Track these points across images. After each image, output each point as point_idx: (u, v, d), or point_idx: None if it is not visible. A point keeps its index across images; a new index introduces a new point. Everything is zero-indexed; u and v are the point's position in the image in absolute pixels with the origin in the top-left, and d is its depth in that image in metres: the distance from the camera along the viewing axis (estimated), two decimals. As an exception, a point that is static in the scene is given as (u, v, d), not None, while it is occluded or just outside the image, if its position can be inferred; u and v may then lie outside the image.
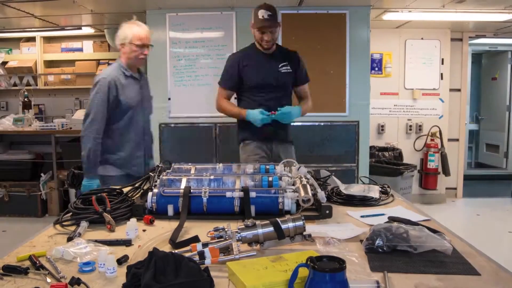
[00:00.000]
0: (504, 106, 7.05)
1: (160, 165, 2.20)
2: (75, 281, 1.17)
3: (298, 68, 3.08)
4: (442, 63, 5.70)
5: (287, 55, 3.08)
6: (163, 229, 1.66)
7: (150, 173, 2.12)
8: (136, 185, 2.08)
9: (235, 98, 3.13)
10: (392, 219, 1.56)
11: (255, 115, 2.86)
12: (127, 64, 2.80)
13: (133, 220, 1.63)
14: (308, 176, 2.00)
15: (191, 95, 4.51)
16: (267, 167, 2.21)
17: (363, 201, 2.03)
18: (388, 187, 2.26)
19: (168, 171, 2.15)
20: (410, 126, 5.75)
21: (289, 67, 3.03)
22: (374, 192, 2.16)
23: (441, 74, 5.69)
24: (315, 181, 1.94)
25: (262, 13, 2.84)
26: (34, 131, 5.34)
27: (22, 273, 1.25)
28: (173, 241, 1.50)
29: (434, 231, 1.50)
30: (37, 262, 1.29)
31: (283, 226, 1.43)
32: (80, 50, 5.86)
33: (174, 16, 4.48)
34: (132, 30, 2.80)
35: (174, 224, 1.65)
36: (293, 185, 1.92)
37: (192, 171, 2.14)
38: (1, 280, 1.23)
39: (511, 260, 2.08)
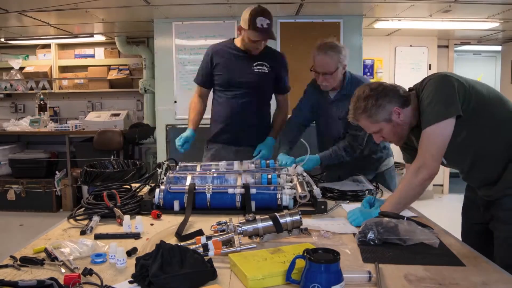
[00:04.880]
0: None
1: (166, 163, 2.20)
2: (88, 271, 1.17)
3: (281, 72, 2.61)
4: (430, 68, 5.70)
5: (268, 54, 2.56)
6: (169, 223, 1.66)
7: (157, 169, 2.12)
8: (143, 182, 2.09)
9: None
10: (382, 214, 1.56)
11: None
12: None
13: (138, 217, 1.63)
14: (305, 174, 2.00)
15: (195, 98, 4.50)
16: (267, 162, 2.21)
17: (356, 197, 2.03)
18: (377, 183, 2.26)
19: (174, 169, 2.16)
20: (400, 127, 5.73)
21: (265, 68, 2.53)
22: (363, 183, 2.16)
23: (424, 78, 5.69)
24: (311, 179, 1.94)
25: (261, 21, 2.32)
26: (49, 131, 5.33)
27: (38, 264, 1.26)
28: (179, 234, 1.50)
29: (422, 225, 1.50)
30: (52, 254, 1.29)
31: (281, 220, 1.44)
32: (92, 56, 5.85)
33: (179, 25, 4.47)
34: None
35: (180, 218, 1.65)
36: (291, 182, 1.92)
37: (197, 169, 2.14)
38: (19, 270, 1.23)
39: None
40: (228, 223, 1.43)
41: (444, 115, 1.55)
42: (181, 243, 1.37)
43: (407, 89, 1.74)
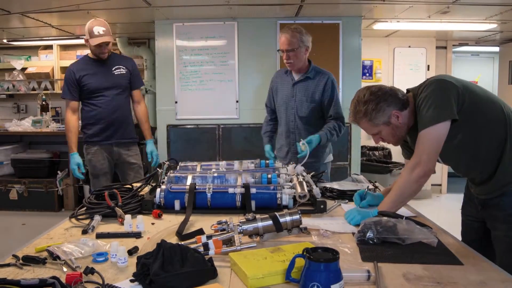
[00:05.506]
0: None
1: (167, 163, 2.20)
2: (89, 270, 1.17)
3: (134, 70, 3.19)
4: (428, 69, 5.70)
5: (121, 59, 3.22)
6: (170, 222, 1.66)
7: (158, 169, 2.12)
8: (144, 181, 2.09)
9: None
10: (381, 214, 1.56)
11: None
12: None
13: (139, 217, 1.63)
14: (304, 173, 2.00)
15: (196, 99, 4.50)
16: (267, 162, 2.23)
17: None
18: (375, 182, 2.26)
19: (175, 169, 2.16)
20: (398, 127, 5.72)
21: (123, 69, 3.10)
22: (362, 183, 2.17)
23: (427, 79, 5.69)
24: (310, 178, 1.94)
25: (97, 29, 2.89)
26: (51, 132, 5.33)
27: (40, 263, 1.26)
28: (179, 234, 1.50)
29: (420, 224, 1.50)
30: (54, 253, 1.29)
31: (281, 220, 1.44)
32: (94, 57, 5.85)
33: (180, 26, 4.47)
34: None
35: (181, 218, 1.65)
36: (291, 182, 1.92)
37: (197, 169, 2.14)
38: (21, 269, 1.23)
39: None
40: (229, 223, 1.43)
41: (440, 119, 1.57)
42: (182, 242, 1.37)
43: (405, 91, 1.76)
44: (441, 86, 1.61)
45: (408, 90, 1.76)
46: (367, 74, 5.65)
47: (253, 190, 1.80)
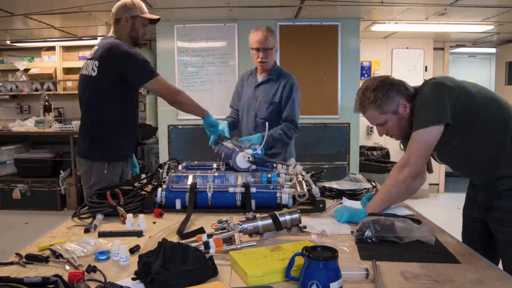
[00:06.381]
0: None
1: (168, 163, 2.20)
2: (91, 268, 1.17)
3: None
4: (426, 70, 5.70)
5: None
6: (171, 221, 1.66)
7: (159, 169, 2.12)
8: (146, 181, 2.09)
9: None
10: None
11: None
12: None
13: (141, 216, 1.63)
14: (304, 173, 2.00)
15: (197, 99, 4.39)
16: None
17: (354, 195, 2.03)
18: (374, 182, 2.26)
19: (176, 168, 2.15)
20: (396, 127, 5.72)
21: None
22: (361, 182, 2.16)
23: (425, 80, 5.69)
24: (309, 178, 1.94)
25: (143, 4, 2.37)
26: (54, 132, 5.33)
27: (43, 261, 1.25)
28: (180, 232, 1.50)
29: (418, 222, 1.50)
30: (57, 252, 1.29)
31: (281, 219, 1.43)
32: (96, 58, 5.85)
33: (181, 27, 4.47)
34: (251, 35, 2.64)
35: (182, 217, 1.65)
36: (290, 181, 1.92)
37: (198, 169, 2.14)
38: (24, 267, 1.23)
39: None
40: (229, 221, 1.43)
41: (432, 122, 1.57)
42: (183, 241, 1.37)
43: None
44: (438, 89, 1.61)
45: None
46: (366, 75, 5.65)
47: (253, 190, 1.80)
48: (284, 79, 2.66)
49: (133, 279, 1.13)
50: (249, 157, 2.04)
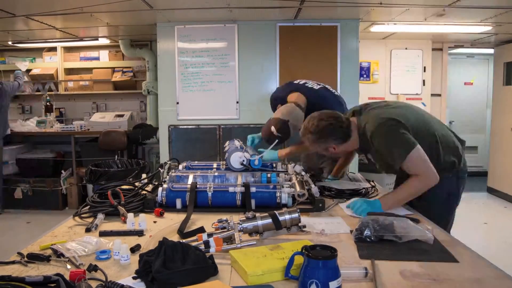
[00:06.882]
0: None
1: (169, 162, 2.20)
2: (93, 267, 1.17)
3: None
4: (424, 71, 5.69)
5: None
6: (172, 220, 1.67)
7: (160, 169, 2.12)
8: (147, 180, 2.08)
9: None
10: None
11: None
12: None
13: (142, 215, 1.63)
14: (303, 173, 2.00)
15: (197, 100, 4.50)
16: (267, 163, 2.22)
17: (353, 195, 2.03)
18: (372, 181, 2.27)
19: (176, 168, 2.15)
20: (395, 127, 5.71)
21: None
22: (360, 182, 2.17)
23: (423, 81, 5.67)
24: (309, 178, 1.94)
25: None
26: (55, 132, 5.33)
27: (45, 260, 1.26)
28: (181, 232, 1.50)
29: (417, 222, 1.50)
30: (58, 251, 1.29)
31: (280, 218, 1.44)
32: (97, 59, 5.85)
33: (182, 28, 4.47)
34: None
35: (182, 216, 1.65)
36: (290, 181, 1.92)
37: (198, 168, 2.14)
38: (26, 266, 1.23)
39: (486, 249, 2.07)
40: (229, 221, 1.43)
41: (408, 151, 1.73)
42: (183, 240, 1.37)
43: (352, 112, 1.95)
44: (389, 131, 1.78)
45: (354, 112, 1.94)
46: (365, 75, 5.65)
47: (253, 189, 1.80)
48: None
49: (134, 278, 1.13)
50: (243, 160, 2.04)
